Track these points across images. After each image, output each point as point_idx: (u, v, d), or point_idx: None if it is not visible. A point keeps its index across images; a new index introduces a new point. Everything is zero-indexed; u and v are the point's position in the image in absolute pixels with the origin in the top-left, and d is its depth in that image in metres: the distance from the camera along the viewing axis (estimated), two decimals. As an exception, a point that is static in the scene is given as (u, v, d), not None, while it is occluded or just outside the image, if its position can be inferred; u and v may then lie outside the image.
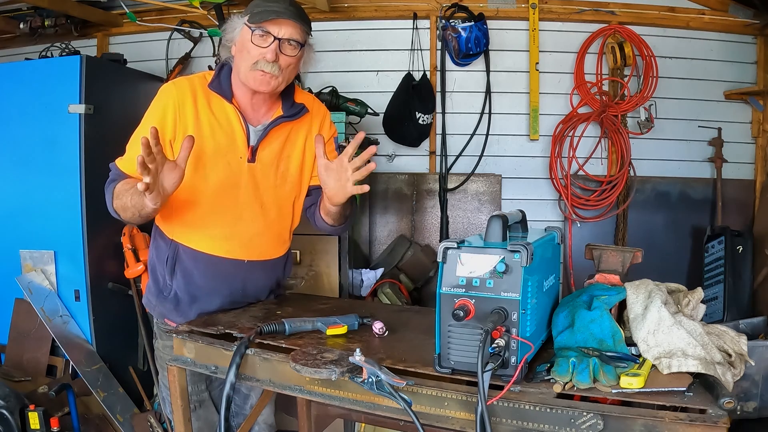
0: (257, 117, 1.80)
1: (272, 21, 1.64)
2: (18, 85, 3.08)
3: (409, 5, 3.79)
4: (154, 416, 3.00)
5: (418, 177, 3.84)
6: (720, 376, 1.15)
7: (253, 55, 1.66)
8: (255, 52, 1.66)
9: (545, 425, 1.14)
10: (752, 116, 3.76)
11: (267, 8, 1.65)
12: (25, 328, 3.05)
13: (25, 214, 3.09)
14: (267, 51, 1.65)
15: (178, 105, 1.70)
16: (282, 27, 1.65)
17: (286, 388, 1.41)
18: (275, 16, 1.63)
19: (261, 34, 1.65)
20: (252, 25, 1.65)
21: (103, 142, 2.96)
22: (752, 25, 3.65)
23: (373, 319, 1.57)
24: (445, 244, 1.22)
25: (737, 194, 3.75)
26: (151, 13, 3.89)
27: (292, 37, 1.67)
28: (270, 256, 1.88)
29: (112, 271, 3.16)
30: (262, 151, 1.78)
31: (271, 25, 1.64)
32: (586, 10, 3.71)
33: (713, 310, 3.42)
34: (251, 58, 1.66)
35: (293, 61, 1.70)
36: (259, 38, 1.65)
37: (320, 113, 1.92)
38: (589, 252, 1.62)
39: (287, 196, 1.86)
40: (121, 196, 1.66)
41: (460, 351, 1.20)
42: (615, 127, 3.64)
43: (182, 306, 1.80)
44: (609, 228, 3.79)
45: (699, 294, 1.41)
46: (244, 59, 1.68)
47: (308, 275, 3.07)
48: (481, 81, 3.78)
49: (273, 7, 1.64)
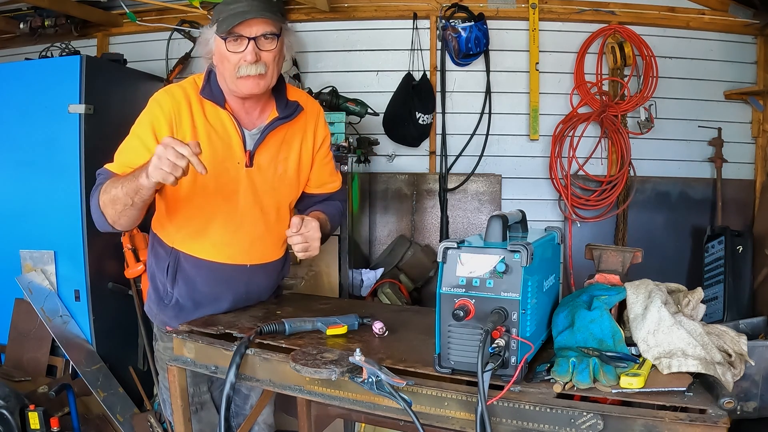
0: (251, 120, 1.78)
1: (240, 24, 1.59)
2: (18, 85, 3.08)
3: (409, 5, 3.79)
4: (154, 416, 3.00)
5: (418, 177, 3.84)
6: (720, 376, 1.15)
7: (233, 62, 1.63)
8: (234, 59, 1.62)
9: (545, 425, 1.14)
10: (752, 116, 3.77)
11: (231, 12, 1.59)
12: (25, 328, 3.05)
13: (25, 214, 3.08)
14: (245, 54, 1.61)
15: (175, 115, 1.68)
16: (252, 26, 1.60)
17: (286, 388, 1.41)
18: (241, 18, 1.58)
19: (233, 39, 1.61)
20: (222, 34, 1.61)
21: (103, 142, 2.92)
22: (752, 25, 3.65)
23: (373, 319, 1.57)
24: (445, 244, 1.22)
25: (737, 194, 3.75)
26: (151, 13, 3.89)
27: (266, 32, 1.62)
28: (271, 258, 1.89)
29: (112, 271, 3.16)
30: (260, 155, 1.77)
31: (241, 27, 1.59)
32: (586, 10, 3.71)
33: (713, 310, 3.42)
34: (232, 66, 1.63)
35: (275, 53, 1.66)
36: (234, 44, 1.61)
37: (314, 112, 1.89)
38: (589, 252, 1.62)
39: (285, 198, 1.86)
40: (110, 190, 1.60)
41: (460, 351, 1.20)
42: (615, 127, 3.64)
43: (185, 313, 1.79)
44: (609, 228, 3.79)
45: (699, 294, 1.41)
46: (227, 68, 1.65)
47: (308, 275, 3.07)
48: (481, 81, 3.78)
49: (237, 9, 1.58)
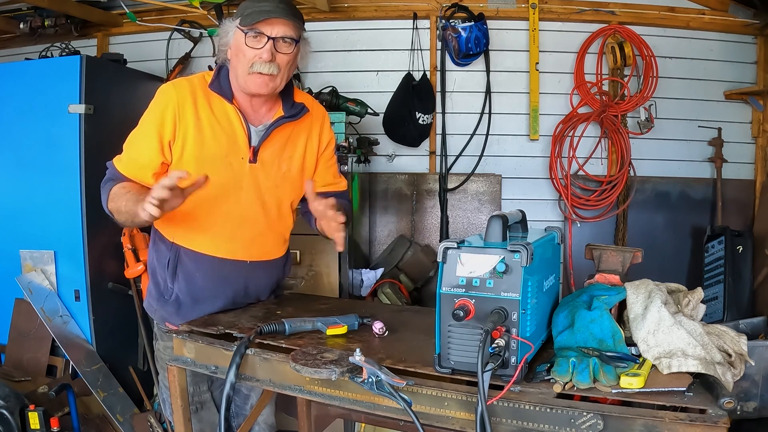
0: (258, 117, 1.79)
1: (264, 21, 1.62)
2: (18, 85, 3.08)
3: (409, 5, 3.79)
4: (154, 416, 3.00)
5: (418, 177, 3.84)
6: (720, 376, 1.14)
7: (248, 57, 1.65)
8: (250, 54, 1.65)
9: (545, 425, 1.14)
10: (752, 116, 3.77)
11: (257, 9, 1.63)
12: (25, 328, 3.05)
13: (25, 214, 3.08)
14: (262, 51, 1.64)
15: (178, 106, 1.69)
16: (275, 26, 1.64)
17: (286, 388, 1.41)
18: (266, 16, 1.62)
19: (254, 35, 1.64)
20: (244, 27, 1.64)
21: (103, 142, 2.95)
22: (752, 25, 3.65)
23: (373, 319, 1.57)
24: (445, 244, 1.22)
25: (737, 194, 3.75)
26: (151, 13, 3.89)
27: (285, 35, 1.65)
28: (271, 256, 1.89)
29: (112, 271, 3.16)
30: (264, 151, 1.78)
31: (264, 25, 1.63)
32: (586, 10, 3.71)
33: (713, 310, 3.42)
34: (247, 61, 1.66)
35: (290, 58, 1.70)
36: (253, 40, 1.64)
37: (320, 115, 1.92)
38: (589, 252, 1.62)
39: (287, 197, 1.87)
40: (116, 200, 1.67)
41: (460, 351, 1.20)
42: (615, 127, 3.64)
43: (184, 309, 1.80)
44: (609, 228, 3.79)
45: (699, 294, 1.41)
46: (241, 62, 1.67)
47: (308, 275, 3.07)
48: (481, 81, 3.78)
49: (264, 7, 1.63)
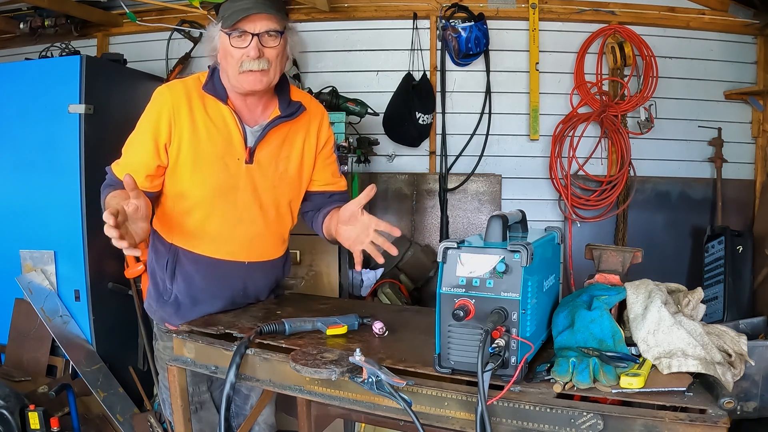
0: (253, 117, 1.79)
1: (245, 19, 1.62)
2: (18, 85, 3.08)
3: (409, 5, 3.79)
4: (154, 416, 3.00)
5: (418, 177, 3.84)
6: (720, 376, 1.14)
7: (236, 57, 1.66)
8: (238, 54, 1.65)
9: (545, 425, 1.14)
10: (752, 116, 3.77)
11: (236, 8, 1.63)
12: (25, 328, 3.05)
13: (25, 214, 3.08)
14: (249, 49, 1.64)
15: (173, 109, 1.70)
16: (256, 22, 1.64)
17: (286, 388, 1.41)
18: (246, 13, 1.62)
19: (238, 35, 1.64)
20: (227, 29, 1.64)
21: (103, 142, 2.96)
22: (752, 25, 3.65)
23: (373, 319, 1.57)
24: (445, 244, 1.22)
25: (737, 194, 3.75)
26: (151, 13, 3.89)
27: (269, 29, 1.65)
28: (270, 256, 1.89)
29: (112, 271, 3.16)
30: (260, 152, 1.77)
31: (245, 23, 1.63)
32: (586, 10, 3.71)
33: (713, 310, 3.42)
34: (236, 61, 1.66)
35: (278, 50, 1.69)
36: (238, 39, 1.65)
37: (318, 114, 1.90)
38: (589, 252, 1.62)
39: (285, 197, 1.86)
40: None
41: (460, 351, 1.20)
42: (615, 127, 3.64)
43: (183, 309, 1.80)
44: (609, 228, 3.79)
45: (699, 294, 1.41)
46: (230, 63, 1.68)
47: (308, 275, 3.07)
48: (481, 81, 3.78)
49: (242, 5, 1.63)
